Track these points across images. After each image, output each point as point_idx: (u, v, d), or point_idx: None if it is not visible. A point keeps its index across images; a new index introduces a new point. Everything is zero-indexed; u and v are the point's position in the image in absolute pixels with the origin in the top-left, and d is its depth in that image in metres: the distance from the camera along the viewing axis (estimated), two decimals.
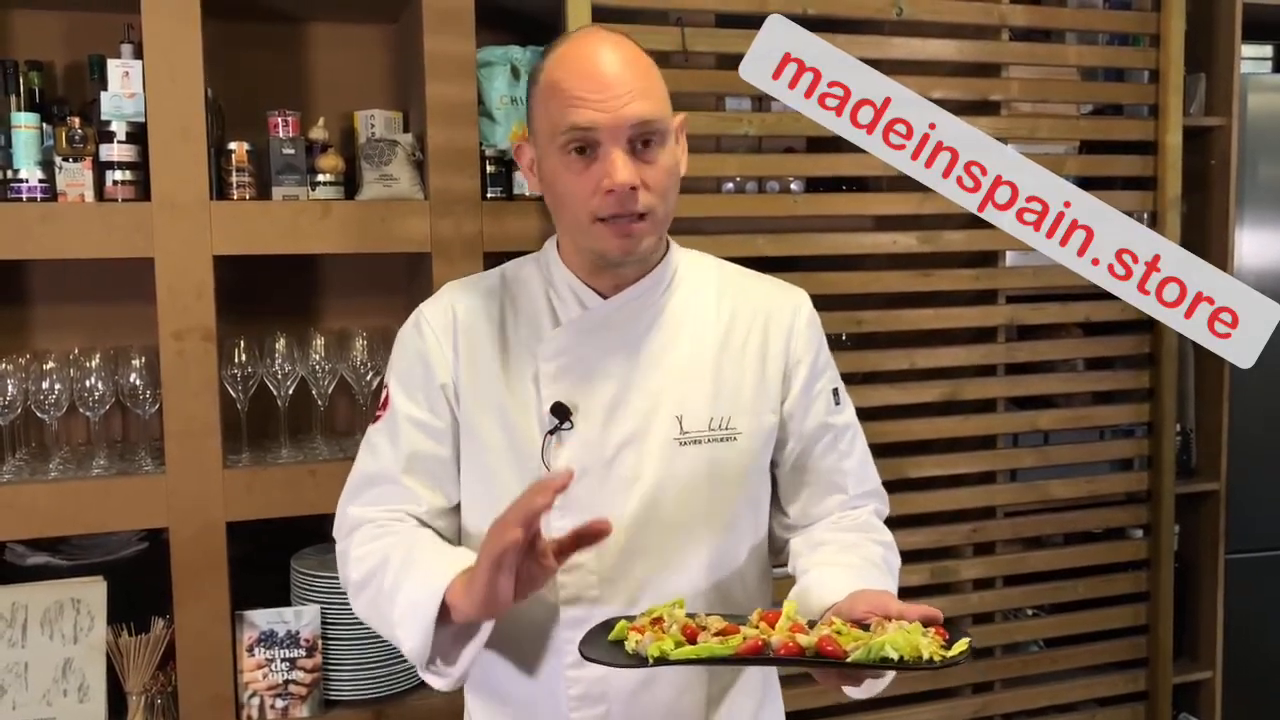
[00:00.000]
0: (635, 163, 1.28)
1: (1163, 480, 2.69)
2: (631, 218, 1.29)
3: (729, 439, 1.38)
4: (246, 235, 2.07)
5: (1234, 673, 2.87)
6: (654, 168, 1.30)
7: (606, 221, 1.29)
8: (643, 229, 1.30)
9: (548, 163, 1.32)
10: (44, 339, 2.29)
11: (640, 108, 1.27)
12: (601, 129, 1.26)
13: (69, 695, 2.01)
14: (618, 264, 1.34)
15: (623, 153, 1.27)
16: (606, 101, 1.26)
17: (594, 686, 1.36)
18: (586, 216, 1.29)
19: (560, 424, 1.35)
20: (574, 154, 1.28)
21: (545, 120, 1.31)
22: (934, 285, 2.50)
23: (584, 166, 1.28)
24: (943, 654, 1.12)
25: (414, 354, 1.42)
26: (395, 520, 1.40)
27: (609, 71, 1.28)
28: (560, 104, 1.28)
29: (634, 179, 1.27)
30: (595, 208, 1.28)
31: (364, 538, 1.39)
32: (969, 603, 2.60)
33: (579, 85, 1.27)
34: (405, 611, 1.27)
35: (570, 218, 1.32)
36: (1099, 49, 2.67)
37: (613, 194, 1.27)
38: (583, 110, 1.26)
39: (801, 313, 1.46)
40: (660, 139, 1.30)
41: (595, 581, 1.34)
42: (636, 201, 1.28)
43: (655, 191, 1.30)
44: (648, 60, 1.33)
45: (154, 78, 1.99)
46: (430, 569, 1.27)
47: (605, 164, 1.27)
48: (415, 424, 1.40)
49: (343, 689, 2.17)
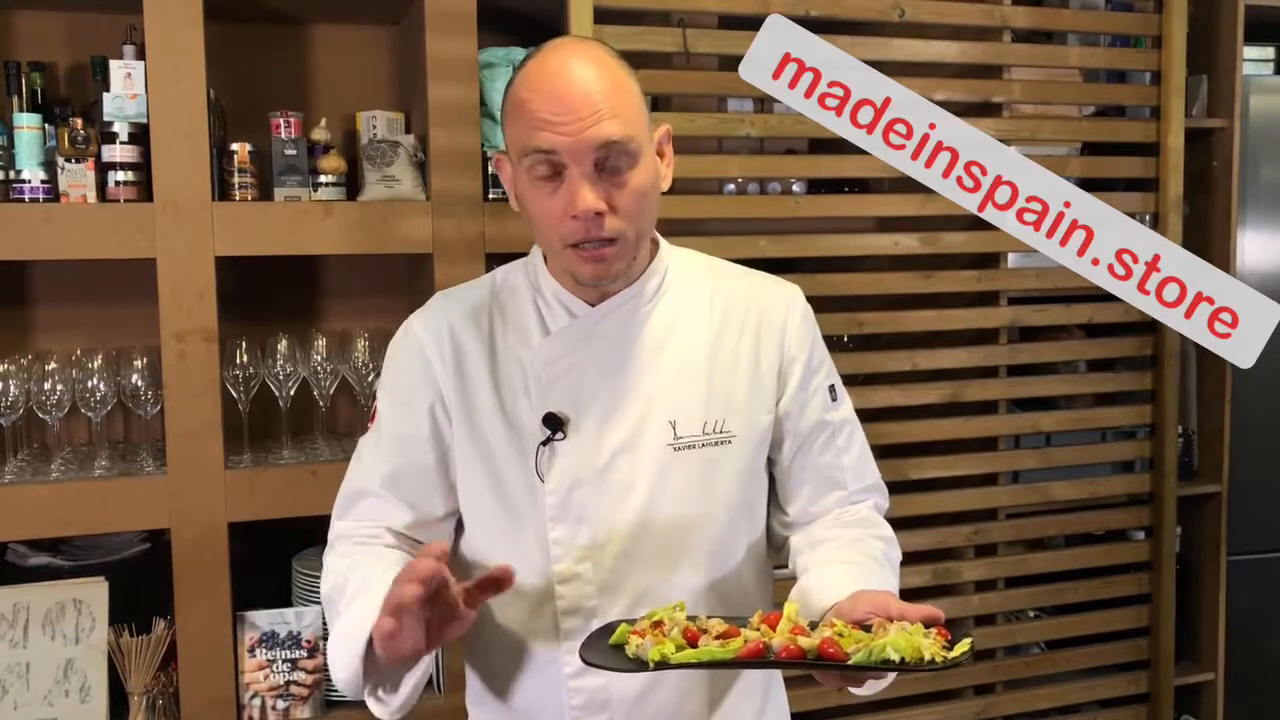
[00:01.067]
0: (603, 185, 1.24)
1: (1164, 482, 2.69)
2: (600, 243, 1.26)
3: (723, 442, 1.37)
4: (248, 236, 2.07)
5: (1236, 675, 2.87)
6: (623, 190, 1.25)
7: (575, 247, 1.26)
8: (613, 254, 1.28)
9: (519, 182, 1.30)
10: (46, 340, 2.29)
11: (606, 129, 1.22)
12: (564, 152, 1.22)
13: (70, 696, 2.01)
14: (593, 286, 1.32)
15: (586, 178, 1.23)
16: (569, 124, 1.22)
17: (596, 695, 1.35)
18: (556, 241, 1.27)
19: (553, 434, 1.34)
20: (540, 178, 1.25)
21: (514, 140, 1.28)
22: (936, 287, 2.50)
23: (552, 189, 1.25)
24: (944, 655, 1.12)
25: (403, 366, 1.40)
26: (370, 537, 1.39)
27: (574, 91, 1.23)
28: (525, 125, 1.24)
29: (597, 204, 1.23)
30: (563, 234, 1.26)
31: (339, 553, 1.38)
32: (970, 604, 2.60)
33: (543, 106, 1.23)
34: (338, 644, 1.26)
35: (544, 239, 1.31)
36: (1101, 50, 2.67)
37: (578, 220, 1.24)
38: (545, 133, 1.22)
39: (795, 309, 1.44)
40: (630, 159, 1.25)
41: (593, 591, 1.34)
42: (602, 227, 1.25)
43: (624, 215, 1.26)
44: (621, 75, 1.27)
45: (156, 79, 1.99)
46: (362, 606, 1.24)
47: (569, 189, 1.24)
48: (401, 438, 1.39)
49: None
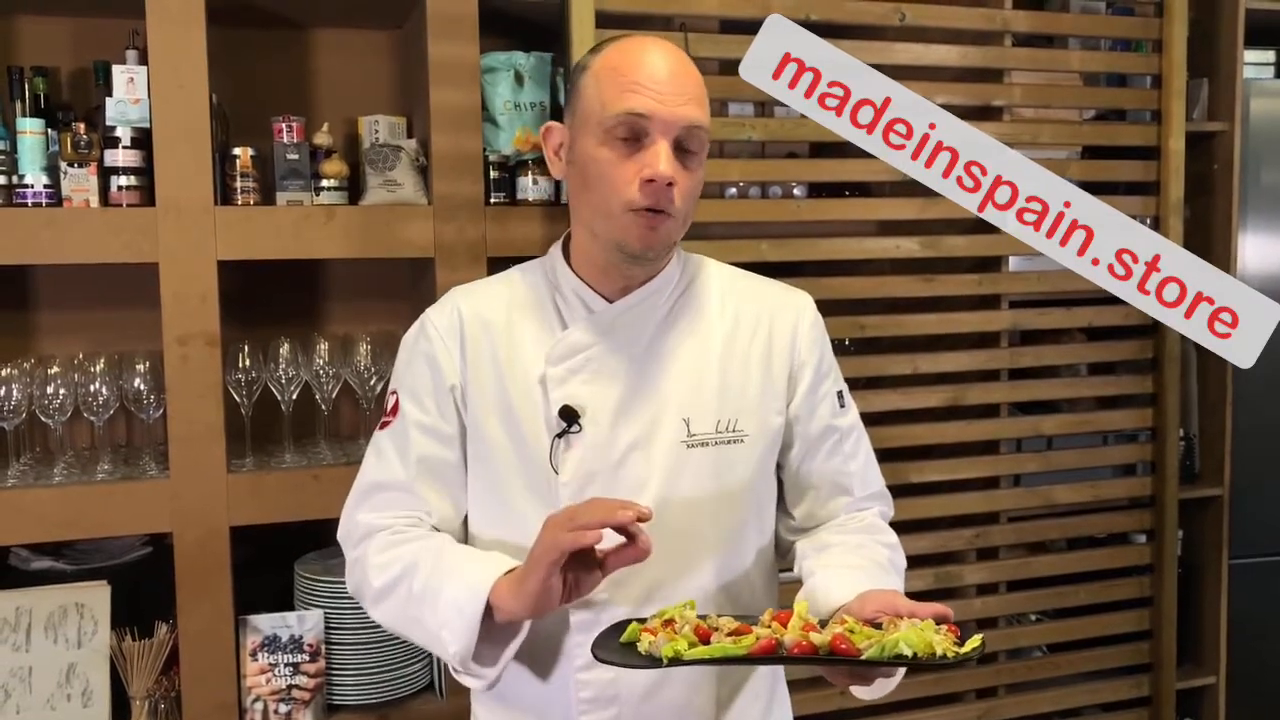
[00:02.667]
0: (675, 163, 1.29)
1: (1166, 485, 2.68)
2: (660, 214, 1.29)
3: (736, 441, 1.39)
4: (251, 240, 2.07)
5: (1238, 678, 2.87)
6: (689, 174, 1.31)
7: (636, 212, 1.29)
8: (668, 226, 1.31)
9: (585, 144, 1.32)
10: (49, 344, 2.29)
11: (695, 112, 1.30)
12: (655, 119, 1.28)
13: (73, 700, 2.01)
14: (634, 257, 1.33)
15: (668, 148, 1.28)
16: (665, 95, 1.28)
17: (605, 689, 1.36)
18: (619, 204, 1.29)
19: (568, 427, 1.35)
20: (619, 140, 1.29)
21: (596, 101, 1.31)
22: (937, 290, 2.50)
23: (627, 154, 1.29)
24: (956, 650, 1.13)
25: (421, 359, 1.42)
26: (412, 525, 1.40)
27: (671, 69, 1.30)
28: (618, 87, 1.29)
29: (674, 175, 1.28)
30: (630, 197, 1.28)
31: (382, 544, 1.38)
32: (972, 608, 2.60)
33: (641, 73, 1.29)
34: (448, 613, 1.27)
35: (599, 202, 1.31)
36: (1101, 54, 2.67)
37: (652, 184, 1.27)
38: (641, 97, 1.28)
39: (805, 316, 1.47)
40: (700, 148, 1.32)
41: (604, 585, 1.33)
42: (671, 198, 1.29)
43: (685, 196, 1.31)
44: (701, 76, 1.35)
45: (159, 83, 2.00)
46: (469, 571, 1.28)
47: (648, 154, 1.28)
48: (424, 430, 1.40)
49: (346, 694, 2.17)
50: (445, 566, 1.31)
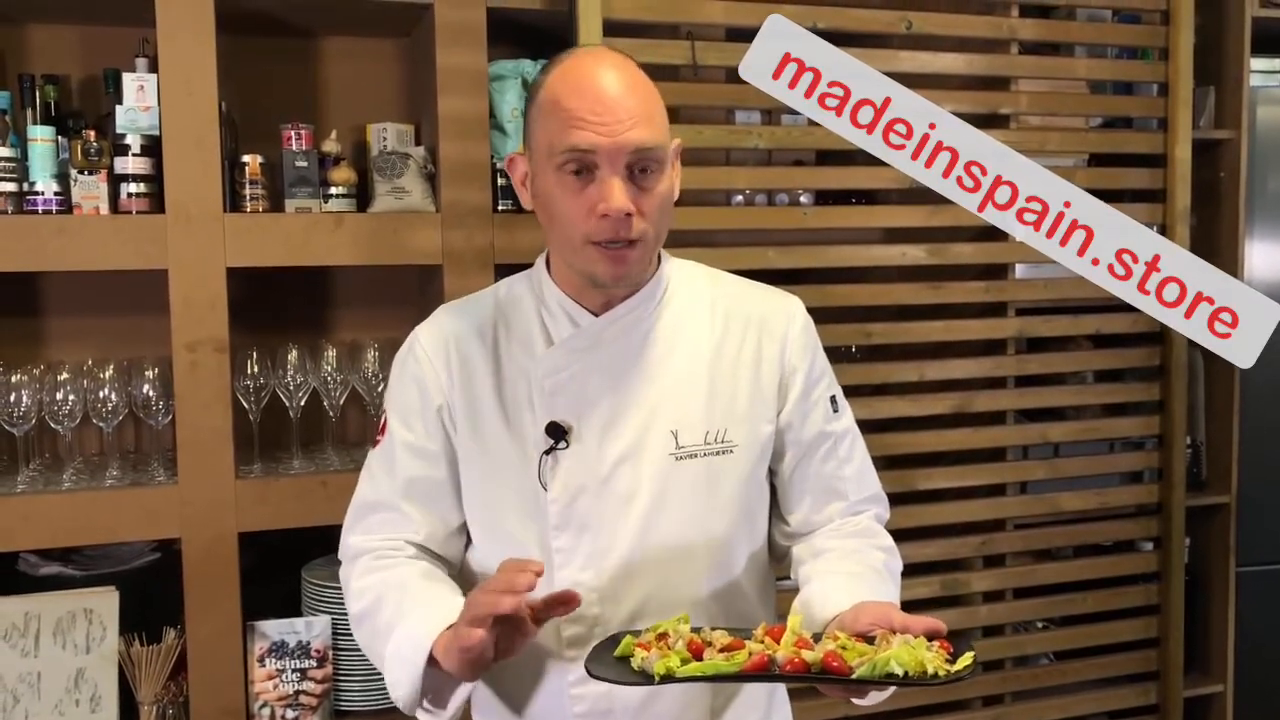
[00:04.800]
0: (631, 189, 1.26)
1: (1173, 493, 2.68)
2: (624, 244, 1.27)
3: (725, 451, 1.38)
4: (259, 247, 2.08)
5: (1245, 686, 2.86)
6: (649, 195, 1.28)
7: (599, 245, 1.28)
8: (634, 255, 1.29)
9: (543, 179, 1.31)
10: (58, 350, 2.30)
11: (641, 134, 1.26)
12: (601, 152, 1.25)
13: (81, 705, 2.02)
14: (607, 287, 1.33)
15: (620, 178, 1.25)
16: (608, 125, 1.24)
17: (599, 703, 1.36)
18: (579, 238, 1.28)
19: (556, 443, 1.34)
20: (570, 174, 1.27)
21: (544, 136, 1.29)
22: (943, 297, 2.51)
23: (580, 187, 1.27)
24: (947, 668, 1.12)
25: (410, 379, 1.42)
26: (393, 550, 1.40)
27: (612, 94, 1.26)
28: (560, 123, 1.26)
29: (629, 205, 1.25)
30: (589, 231, 1.27)
31: (362, 569, 1.40)
32: (979, 615, 2.60)
33: (581, 105, 1.25)
34: (394, 660, 1.28)
35: (562, 237, 1.31)
36: (1108, 62, 2.67)
37: (607, 219, 1.25)
38: (583, 132, 1.25)
39: (795, 320, 1.45)
40: (657, 166, 1.28)
41: (595, 599, 1.34)
42: (630, 228, 1.26)
43: (648, 218, 1.28)
44: (651, 86, 1.31)
45: (169, 91, 2.01)
46: (418, 619, 1.27)
47: (601, 188, 1.25)
48: (411, 450, 1.40)
49: (353, 699, 2.18)
50: (405, 607, 1.31)
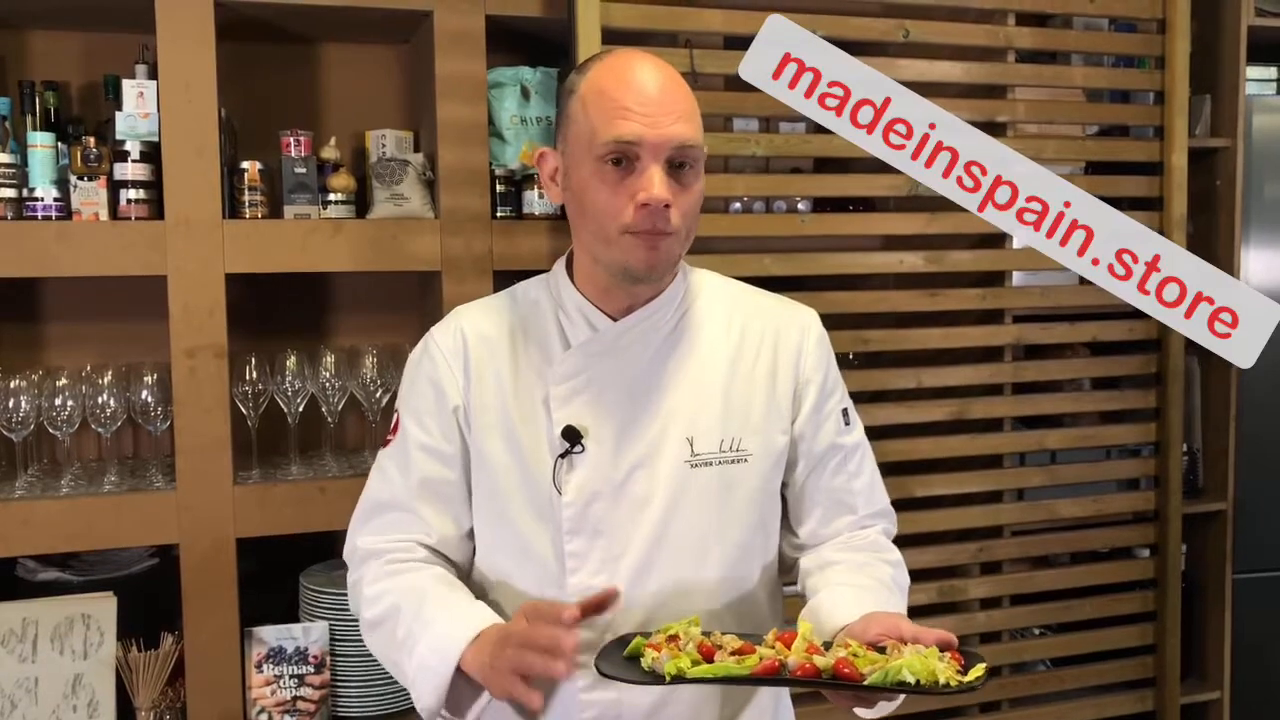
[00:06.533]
0: (670, 183, 1.28)
1: (1170, 499, 2.69)
2: (660, 234, 1.29)
3: (740, 460, 1.38)
4: (259, 253, 2.08)
5: (1242, 693, 2.86)
6: (686, 192, 1.30)
7: (635, 234, 1.28)
8: (669, 244, 1.30)
9: (579, 171, 1.31)
10: (57, 356, 2.30)
11: (684, 130, 1.28)
12: (644, 144, 1.27)
13: (79, 711, 2.02)
14: (638, 278, 1.33)
15: (661, 170, 1.27)
16: (653, 117, 1.27)
17: (608, 709, 1.36)
18: (615, 229, 1.29)
19: (571, 448, 1.35)
20: (611, 165, 1.28)
21: (584, 127, 1.30)
22: (941, 305, 2.51)
23: (619, 178, 1.28)
24: (959, 679, 1.12)
25: (424, 379, 1.42)
26: (405, 553, 1.40)
27: (658, 89, 1.29)
28: (605, 113, 1.28)
29: (668, 196, 1.27)
30: (626, 221, 1.28)
31: (375, 574, 1.39)
32: (976, 622, 2.60)
33: (627, 97, 1.28)
34: (421, 671, 1.29)
35: (596, 228, 1.31)
36: (1104, 70, 2.68)
37: (646, 208, 1.27)
38: (628, 123, 1.27)
39: (811, 332, 1.46)
40: (694, 165, 1.31)
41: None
42: (668, 220, 1.28)
43: (682, 214, 1.30)
44: (689, 88, 1.34)
45: (168, 98, 2.01)
46: (443, 630, 1.28)
47: (642, 178, 1.27)
48: (426, 450, 1.40)
49: (351, 705, 2.17)
50: (426, 616, 1.31)
